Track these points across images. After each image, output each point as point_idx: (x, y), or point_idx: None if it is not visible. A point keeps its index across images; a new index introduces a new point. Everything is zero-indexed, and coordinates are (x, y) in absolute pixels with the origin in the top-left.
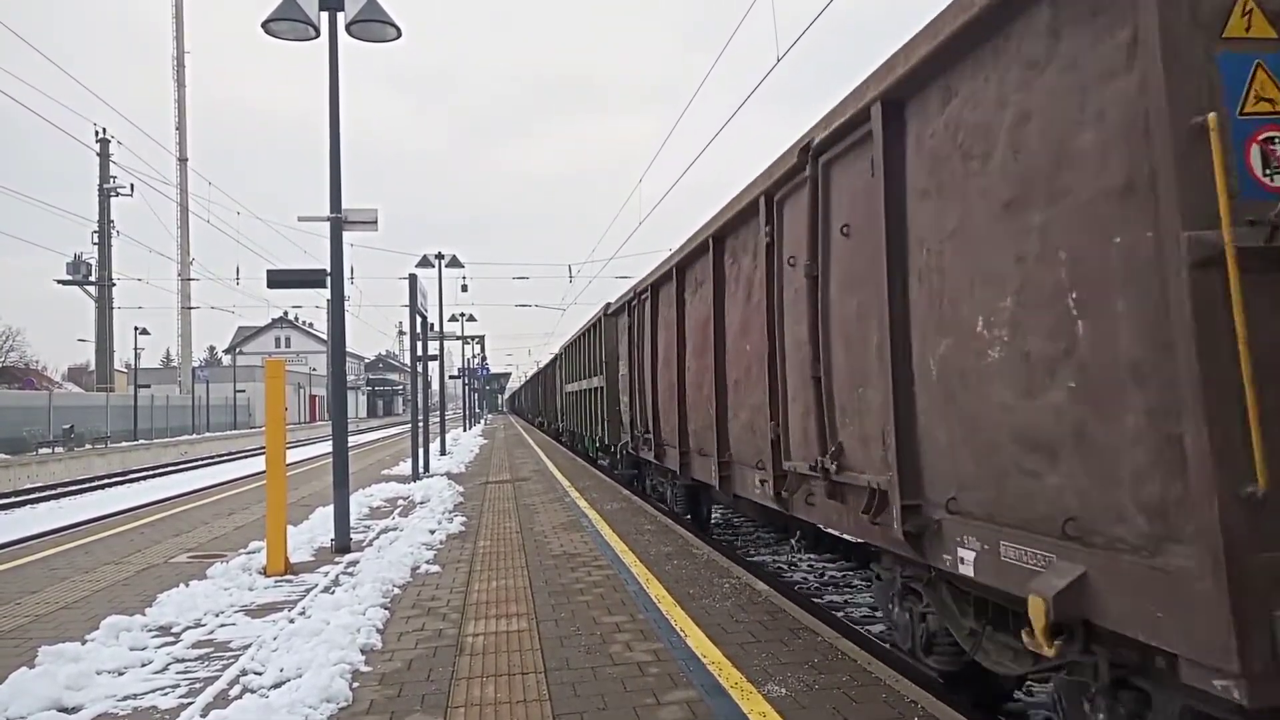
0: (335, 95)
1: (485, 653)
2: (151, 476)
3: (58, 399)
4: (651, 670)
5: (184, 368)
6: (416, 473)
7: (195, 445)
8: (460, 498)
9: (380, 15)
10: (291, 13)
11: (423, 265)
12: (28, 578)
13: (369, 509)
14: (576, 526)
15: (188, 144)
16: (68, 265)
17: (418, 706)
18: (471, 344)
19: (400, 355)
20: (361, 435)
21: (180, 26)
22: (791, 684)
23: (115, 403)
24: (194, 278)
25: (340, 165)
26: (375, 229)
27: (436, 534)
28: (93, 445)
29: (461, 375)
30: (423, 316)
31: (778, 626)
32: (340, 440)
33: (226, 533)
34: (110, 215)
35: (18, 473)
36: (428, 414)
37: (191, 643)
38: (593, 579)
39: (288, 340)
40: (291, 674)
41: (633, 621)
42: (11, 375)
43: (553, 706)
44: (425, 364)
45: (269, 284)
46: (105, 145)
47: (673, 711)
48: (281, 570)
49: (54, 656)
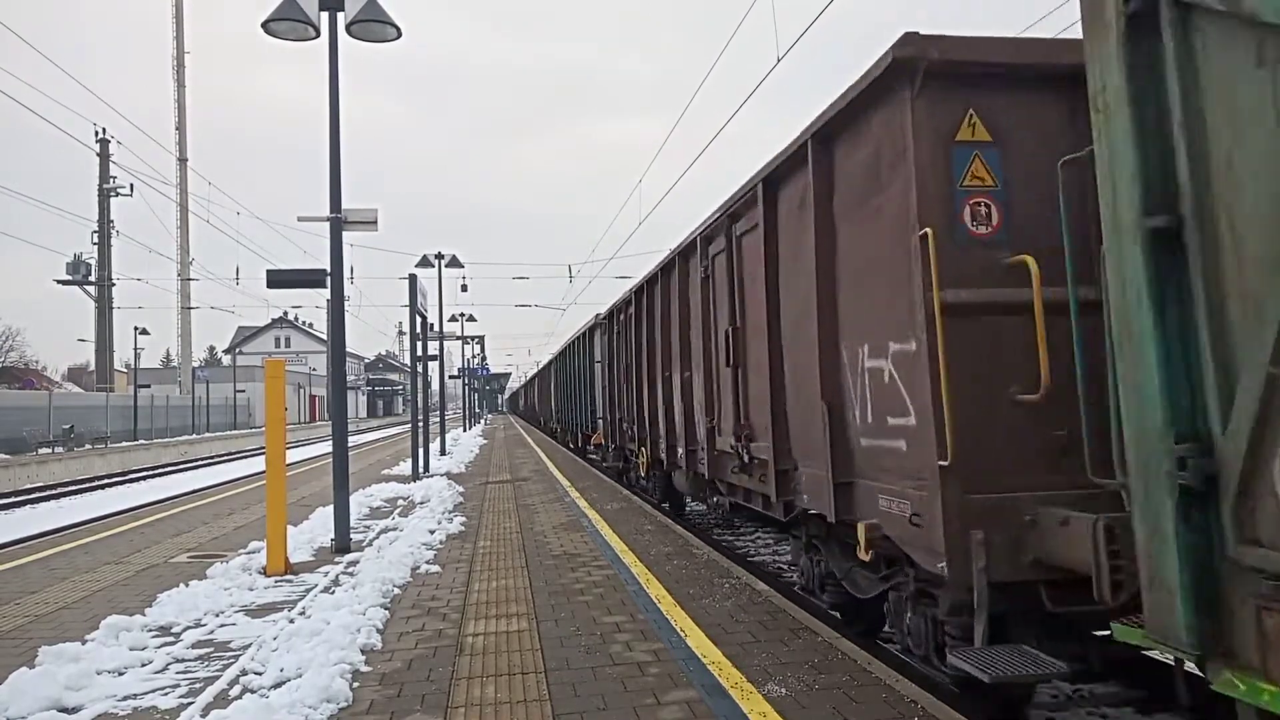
0: (335, 95)
1: (485, 653)
2: (151, 476)
3: (58, 399)
4: (651, 670)
5: (184, 368)
6: (416, 473)
7: (195, 445)
8: (460, 498)
9: (380, 15)
10: (291, 13)
11: (423, 265)
12: (28, 578)
13: (369, 509)
14: (576, 526)
15: (188, 144)
16: (68, 265)
17: (418, 706)
18: (471, 344)
19: (400, 355)
20: (361, 435)
21: (180, 26)
22: (791, 684)
23: (115, 403)
24: (194, 278)
25: (340, 165)
26: (375, 229)
27: (436, 534)
28: (93, 445)
29: (461, 375)
30: (423, 316)
31: (778, 626)
32: (340, 440)
33: (226, 533)
34: (110, 215)
35: (18, 473)
36: (428, 414)
37: (191, 643)
38: (593, 579)
39: (288, 340)
40: (291, 674)
41: (633, 621)
42: (11, 375)
43: (553, 706)
44: (425, 364)
45: (269, 284)
46: (105, 145)
47: (673, 711)
48: (281, 570)
49: (54, 656)
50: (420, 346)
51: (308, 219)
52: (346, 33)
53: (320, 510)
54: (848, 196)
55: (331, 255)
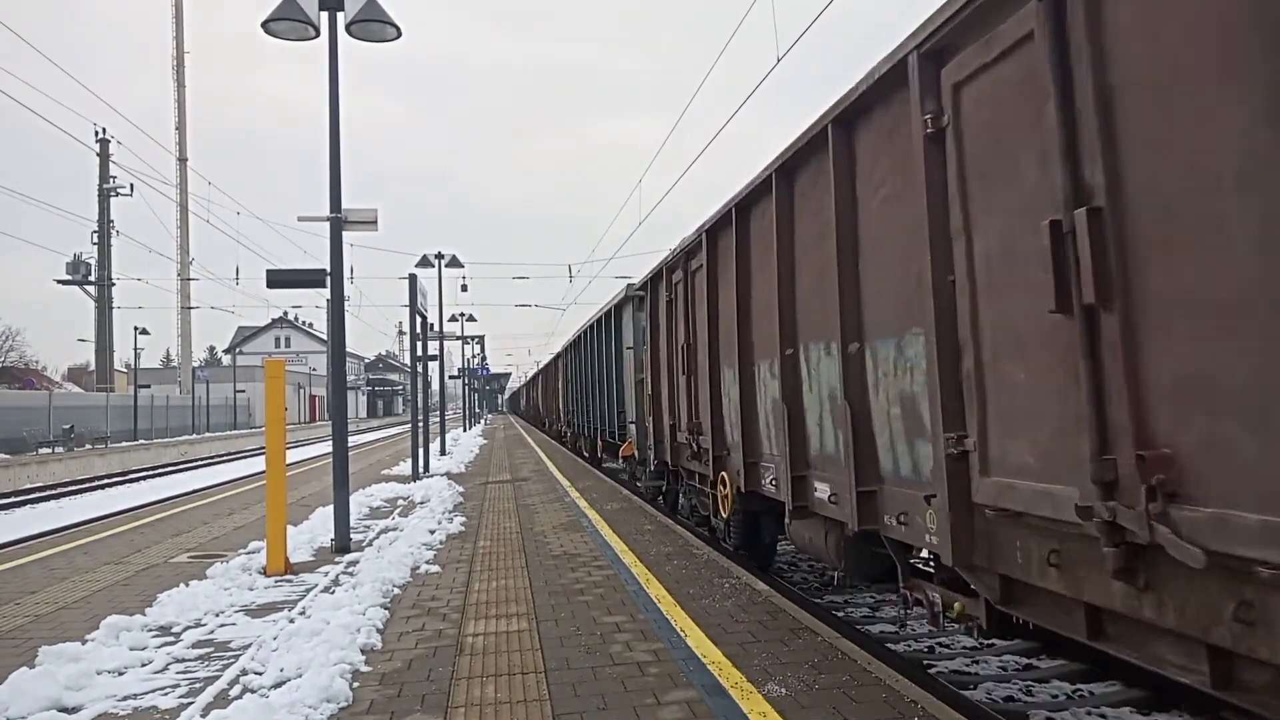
0: (335, 95)
1: (485, 653)
2: (151, 476)
3: (58, 399)
4: (651, 670)
5: (184, 368)
6: (416, 473)
7: (195, 445)
8: (460, 498)
9: (380, 15)
10: (291, 12)
11: (423, 265)
12: (28, 578)
13: (369, 509)
14: (576, 527)
15: (187, 144)
16: (67, 265)
17: (418, 706)
18: (471, 344)
19: (400, 355)
20: (361, 435)
21: (180, 26)
22: (791, 684)
23: (115, 403)
24: (194, 278)
25: (340, 165)
26: (375, 229)
27: (436, 534)
28: (93, 445)
29: (461, 375)
30: (423, 316)
31: (778, 626)
32: (340, 440)
33: (226, 533)
34: (110, 215)
35: (18, 473)
36: (427, 414)
37: (191, 642)
38: (593, 579)
39: (288, 340)
40: (291, 674)
41: (633, 621)
42: (11, 375)
43: (553, 706)
44: (425, 364)
45: (269, 284)
46: (105, 145)
47: (673, 711)
48: (281, 570)
49: (54, 656)
50: (420, 346)
51: (308, 219)
52: (346, 32)
53: (320, 510)
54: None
55: (331, 255)
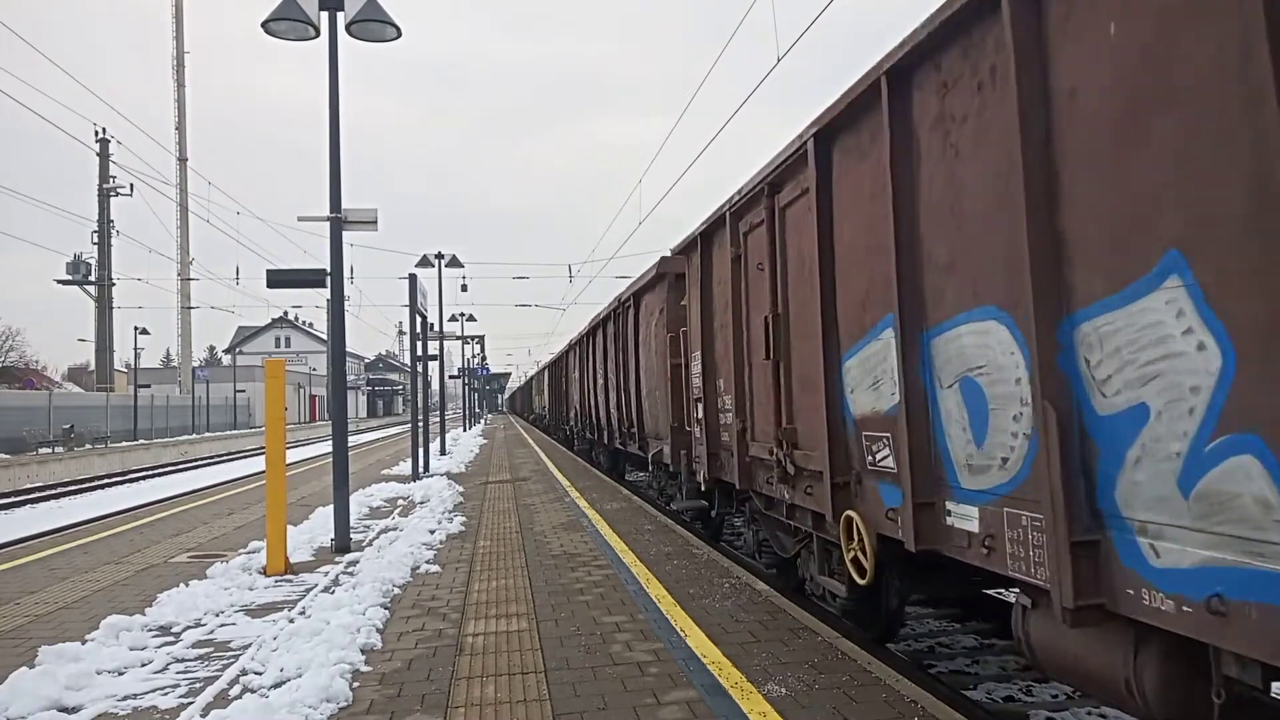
0: (335, 95)
1: (485, 653)
2: (151, 476)
3: (58, 399)
4: (651, 670)
5: (184, 368)
6: (416, 473)
7: (195, 445)
8: (460, 498)
9: (380, 15)
10: (291, 12)
11: (423, 265)
12: (28, 578)
13: (369, 509)
14: (576, 526)
15: (188, 144)
16: (68, 265)
17: (418, 706)
18: (471, 344)
19: (400, 355)
20: (361, 435)
21: (180, 26)
22: (791, 684)
23: (115, 403)
24: (194, 277)
25: (340, 165)
26: (375, 229)
27: (436, 534)
28: (93, 445)
29: (461, 375)
30: (423, 316)
31: (778, 626)
32: (340, 440)
33: (226, 533)
34: (110, 215)
35: (18, 473)
36: (427, 414)
37: (191, 642)
38: (593, 579)
39: (288, 340)
40: (291, 674)
41: (633, 621)
42: (11, 375)
43: (553, 706)
44: (425, 364)
45: (269, 284)
46: (105, 145)
47: (673, 711)
48: (281, 570)
49: (54, 656)
50: (420, 346)
51: (308, 219)
52: (346, 32)
53: (320, 510)
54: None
55: (331, 255)
